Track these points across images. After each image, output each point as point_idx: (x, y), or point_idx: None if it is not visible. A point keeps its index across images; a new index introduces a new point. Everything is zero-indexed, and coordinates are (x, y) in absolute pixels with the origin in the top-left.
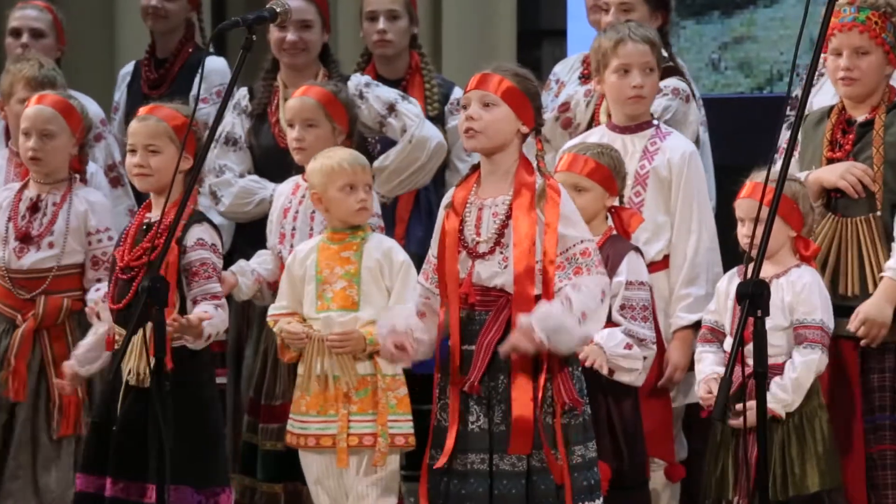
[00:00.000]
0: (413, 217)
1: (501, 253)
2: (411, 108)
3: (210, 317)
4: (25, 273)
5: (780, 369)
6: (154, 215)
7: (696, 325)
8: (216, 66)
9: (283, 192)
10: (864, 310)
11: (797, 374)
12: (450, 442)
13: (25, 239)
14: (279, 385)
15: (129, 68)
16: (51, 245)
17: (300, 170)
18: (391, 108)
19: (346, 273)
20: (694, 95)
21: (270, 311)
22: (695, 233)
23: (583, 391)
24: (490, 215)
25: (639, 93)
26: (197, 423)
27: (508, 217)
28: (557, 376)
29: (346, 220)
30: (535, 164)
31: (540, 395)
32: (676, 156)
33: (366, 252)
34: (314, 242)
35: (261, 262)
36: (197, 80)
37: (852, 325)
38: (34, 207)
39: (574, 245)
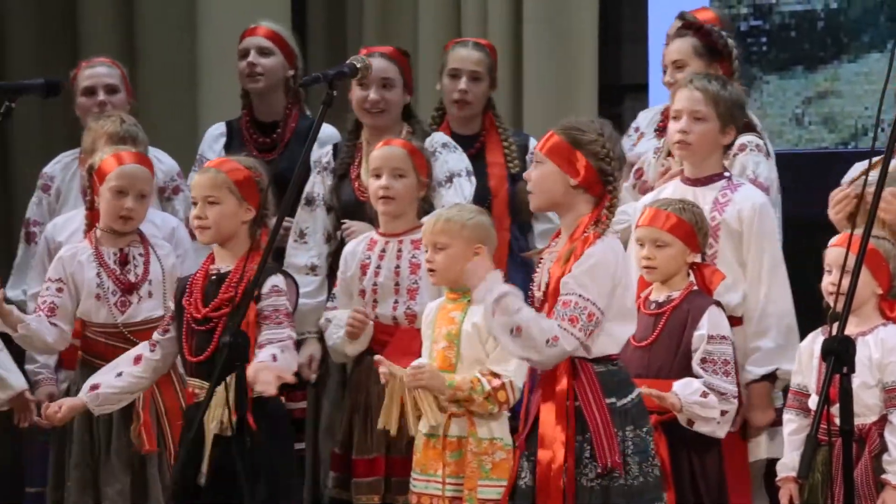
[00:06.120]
0: (509, 264)
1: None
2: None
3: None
4: (138, 325)
5: (866, 430)
6: (221, 266)
7: (767, 378)
8: (329, 134)
9: (355, 252)
10: None
11: None
12: (503, 499)
13: (128, 290)
14: (372, 439)
15: (220, 129)
16: (150, 294)
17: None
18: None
19: (448, 334)
20: (769, 153)
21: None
22: (764, 284)
23: (646, 451)
24: (546, 270)
25: (682, 138)
26: (282, 475)
27: None
28: (600, 435)
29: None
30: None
31: (573, 454)
32: (747, 207)
33: (469, 313)
34: (439, 301)
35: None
36: (307, 144)
37: None
38: (124, 260)
39: (566, 294)
